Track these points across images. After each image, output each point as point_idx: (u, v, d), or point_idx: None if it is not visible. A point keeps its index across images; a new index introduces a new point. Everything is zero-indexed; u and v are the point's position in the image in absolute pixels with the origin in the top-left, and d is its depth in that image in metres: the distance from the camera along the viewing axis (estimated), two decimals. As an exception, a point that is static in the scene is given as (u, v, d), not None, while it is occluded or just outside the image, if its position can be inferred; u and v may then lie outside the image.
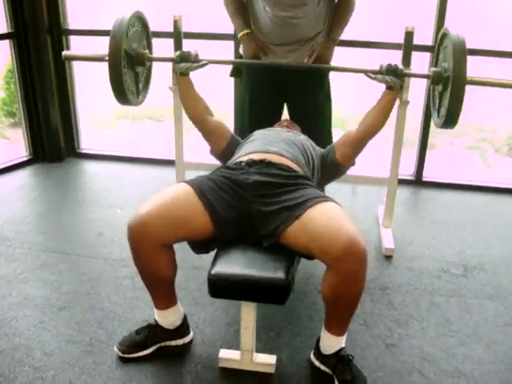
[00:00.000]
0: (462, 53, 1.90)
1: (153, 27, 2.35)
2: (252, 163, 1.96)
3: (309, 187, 1.89)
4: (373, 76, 2.10)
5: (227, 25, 2.60)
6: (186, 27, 2.64)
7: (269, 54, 2.52)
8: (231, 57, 3.09)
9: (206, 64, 2.18)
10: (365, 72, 2.12)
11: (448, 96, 1.94)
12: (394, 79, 2.06)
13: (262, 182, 1.87)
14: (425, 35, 3.03)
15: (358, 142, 2.13)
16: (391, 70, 2.06)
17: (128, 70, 2.15)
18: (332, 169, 2.18)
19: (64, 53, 2.34)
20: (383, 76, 2.07)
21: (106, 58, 2.06)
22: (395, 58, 2.43)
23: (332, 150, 2.18)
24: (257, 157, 1.98)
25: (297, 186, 1.87)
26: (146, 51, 2.26)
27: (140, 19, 2.24)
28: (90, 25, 3.71)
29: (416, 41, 2.47)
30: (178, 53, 2.17)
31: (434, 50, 2.27)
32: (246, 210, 1.83)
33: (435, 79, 2.07)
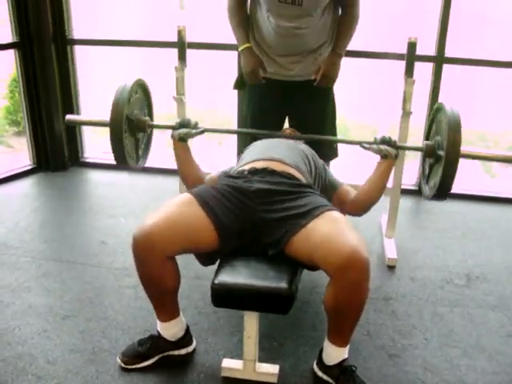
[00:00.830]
0: (456, 131, 1.88)
1: (157, 37, 2.37)
2: (255, 171, 1.97)
3: (312, 195, 1.91)
4: (367, 146, 2.09)
5: (230, 35, 2.61)
6: (189, 37, 2.66)
7: (267, 71, 2.53)
8: (235, 65, 3.11)
9: (204, 131, 2.18)
10: (360, 143, 2.12)
11: (440, 172, 1.92)
12: (389, 148, 2.06)
13: (265, 189, 1.88)
14: (428, 39, 3.04)
15: (356, 207, 2.14)
16: (385, 142, 2.07)
17: (128, 136, 2.18)
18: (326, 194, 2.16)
19: (67, 117, 2.33)
20: (377, 146, 2.07)
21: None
22: (398, 68, 2.45)
23: (334, 187, 2.19)
24: (259, 165, 1.99)
25: (300, 194, 1.88)
26: (147, 118, 2.27)
27: (142, 86, 2.26)
28: (94, 34, 3.73)
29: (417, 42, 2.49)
30: (178, 120, 2.19)
31: (427, 122, 2.27)
32: (250, 218, 1.84)
33: (428, 152, 2.07)
